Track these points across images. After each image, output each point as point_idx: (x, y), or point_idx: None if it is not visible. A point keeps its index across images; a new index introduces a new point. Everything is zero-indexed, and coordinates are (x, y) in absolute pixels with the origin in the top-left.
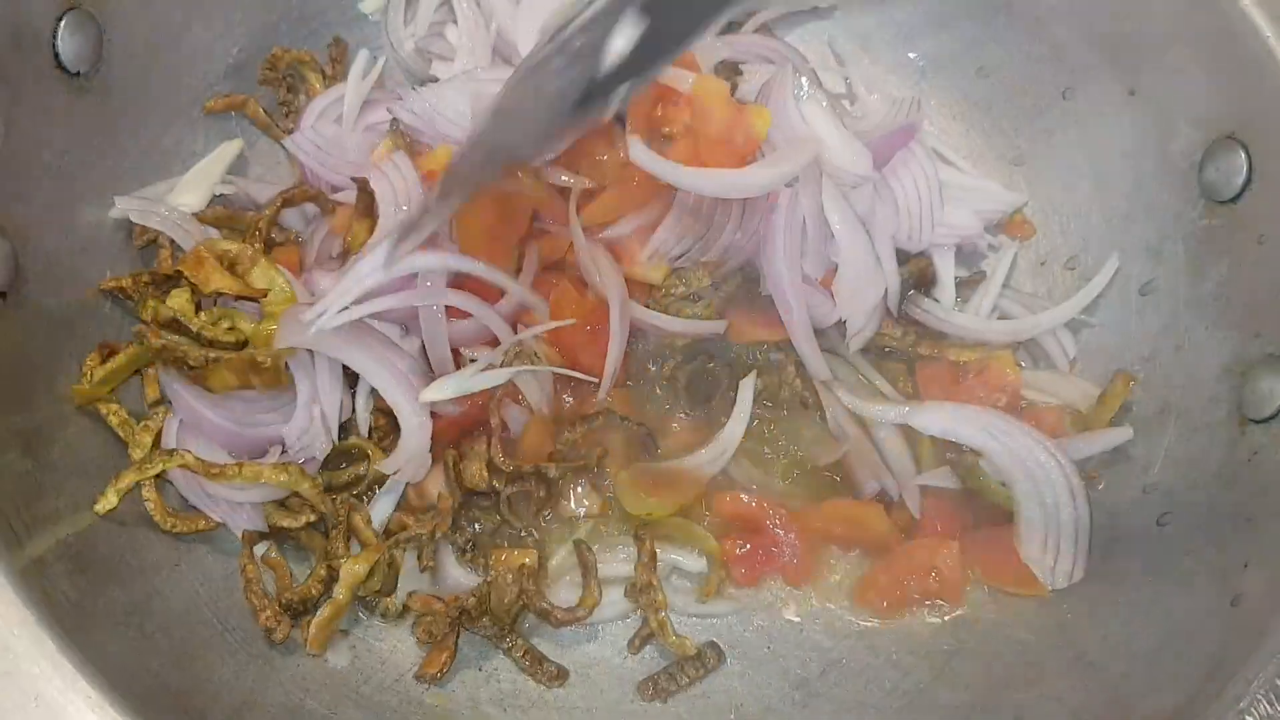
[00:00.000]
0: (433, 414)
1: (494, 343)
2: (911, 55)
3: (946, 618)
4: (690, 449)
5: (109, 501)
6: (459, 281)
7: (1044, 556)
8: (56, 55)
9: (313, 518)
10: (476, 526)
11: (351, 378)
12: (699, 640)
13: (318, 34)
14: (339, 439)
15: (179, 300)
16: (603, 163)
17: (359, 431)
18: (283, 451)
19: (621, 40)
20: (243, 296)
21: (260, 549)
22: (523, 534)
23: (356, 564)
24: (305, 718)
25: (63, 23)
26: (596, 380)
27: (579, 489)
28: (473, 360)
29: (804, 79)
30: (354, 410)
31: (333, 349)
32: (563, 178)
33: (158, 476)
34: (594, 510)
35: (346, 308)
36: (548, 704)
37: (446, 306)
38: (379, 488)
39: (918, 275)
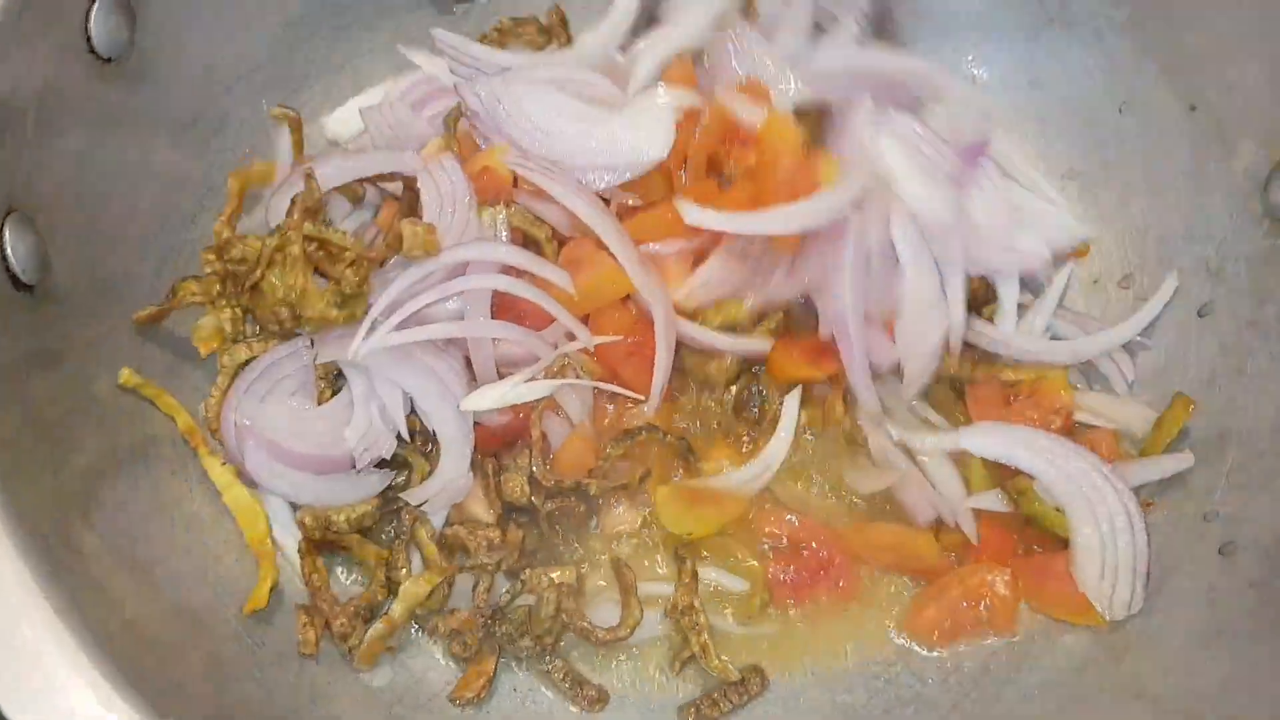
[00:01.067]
0: (475, 423)
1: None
2: (962, 67)
3: (999, 645)
4: (733, 466)
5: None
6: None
7: (1101, 585)
8: (89, 39)
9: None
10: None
11: None
12: (740, 663)
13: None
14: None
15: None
16: (650, 179)
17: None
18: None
19: None
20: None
21: None
22: (561, 549)
23: (418, 584)
24: None
25: (95, 6)
26: (638, 396)
27: (619, 507)
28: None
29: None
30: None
31: (378, 367)
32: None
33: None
34: (633, 528)
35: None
36: None
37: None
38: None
39: (972, 296)
